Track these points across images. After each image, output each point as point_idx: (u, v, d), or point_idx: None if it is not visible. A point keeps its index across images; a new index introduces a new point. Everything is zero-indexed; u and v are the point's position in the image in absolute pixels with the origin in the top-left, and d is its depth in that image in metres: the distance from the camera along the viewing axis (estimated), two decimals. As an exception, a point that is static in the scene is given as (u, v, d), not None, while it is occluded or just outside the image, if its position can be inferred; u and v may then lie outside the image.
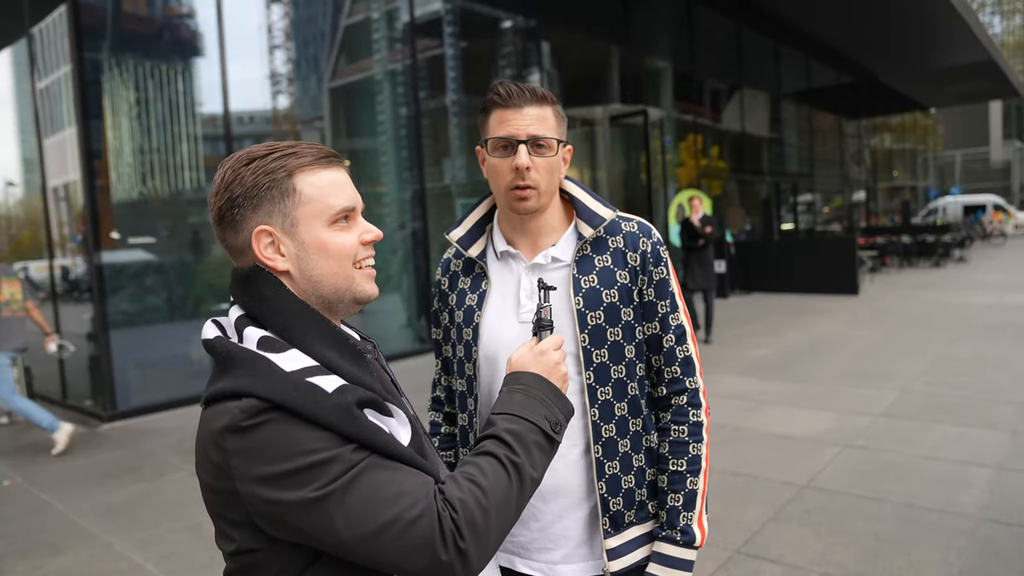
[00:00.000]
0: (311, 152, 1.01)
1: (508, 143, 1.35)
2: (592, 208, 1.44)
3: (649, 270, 1.41)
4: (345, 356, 0.98)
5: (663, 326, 1.43)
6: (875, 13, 15.90)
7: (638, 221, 1.46)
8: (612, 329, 1.39)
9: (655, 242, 1.44)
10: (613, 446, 1.39)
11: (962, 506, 3.67)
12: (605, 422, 1.39)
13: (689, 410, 1.43)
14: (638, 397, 1.42)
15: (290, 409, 0.87)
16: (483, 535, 0.92)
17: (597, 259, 1.41)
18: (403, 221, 9.65)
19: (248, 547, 0.92)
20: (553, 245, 1.43)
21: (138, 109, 7.10)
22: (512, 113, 1.34)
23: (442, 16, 10.39)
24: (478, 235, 1.51)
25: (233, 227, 0.98)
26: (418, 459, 0.96)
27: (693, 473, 1.41)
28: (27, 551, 3.80)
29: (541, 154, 1.35)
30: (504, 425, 1.03)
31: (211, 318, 1.04)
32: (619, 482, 1.40)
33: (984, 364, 6.75)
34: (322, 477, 0.86)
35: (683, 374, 1.43)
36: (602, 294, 1.39)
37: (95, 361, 6.75)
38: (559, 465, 1.38)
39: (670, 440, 1.42)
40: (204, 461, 0.92)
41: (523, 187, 1.35)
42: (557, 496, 1.40)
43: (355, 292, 1.03)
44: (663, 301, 1.43)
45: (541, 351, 1.14)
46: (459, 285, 1.51)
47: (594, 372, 1.38)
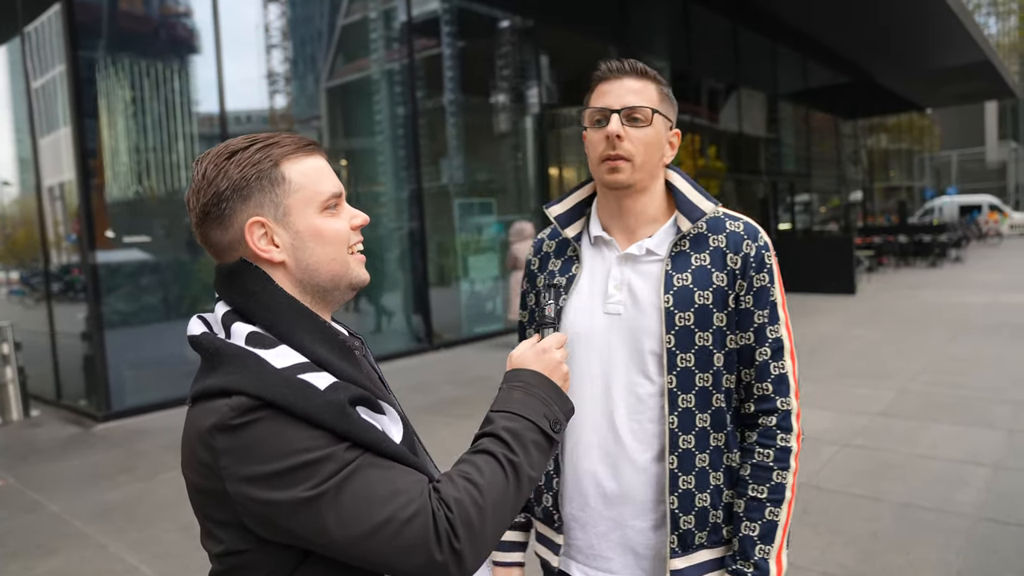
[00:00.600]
0: (292, 141, 0.99)
1: (603, 115, 1.31)
2: (693, 200, 1.35)
3: (750, 275, 1.31)
4: (335, 352, 0.96)
5: (758, 337, 1.31)
6: (872, 14, 15.91)
7: (745, 221, 1.36)
8: (701, 333, 1.30)
9: (761, 246, 1.33)
10: (690, 459, 1.30)
11: (960, 505, 3.67)
12: (684, 432, 1.30)
13: (778, 433, 1.30)
14: (724, 410, 1.31)
15: (282, 407, 0.85)
16: (479, 535, 0.90)
17: (694, 257, 1.32)
18: (400, 222, 9.63)
19: (236, 548, 0.90)
20: (650, 236, 1.36)
21: (134, 108, 7.07)
22: (610, 85, 1.32)
23: (439, 16, 10.38)
24: (576, 216, 1.45)
25: (220, 223, 0.96)
26: (411, 457, 0.94)
27: (774, 503, 1.28)
28: (19, 552, 3.77)
29: (636, 125, 1.30)
30: (502, 423, 1.00)
31: (197, 314, 1.01)
32: (693, 499, 1.30)
33: (981, 363, 6.76)
34: (314, 477, 0.84)
35: (775, 392, 1.31)
36: (695, 295, 1.30)
37: (90, 361, 6.72)
38: (626, 470, 1.32)
39: (753, 463, 1.30)
40: (191, 460, 0.90)
41: (615, 156, 1.29)
42: (621, 502, 1.33)
43: (351, 277, 1.02)
44: (761, 311, 1.32)
45: (543, 349, 1.12)
46: (549, 266, 1.46)
47: (677, 377, 1.29)
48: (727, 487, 1.32)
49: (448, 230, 10.28)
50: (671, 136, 1.37)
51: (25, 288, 8.67)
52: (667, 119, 1.35)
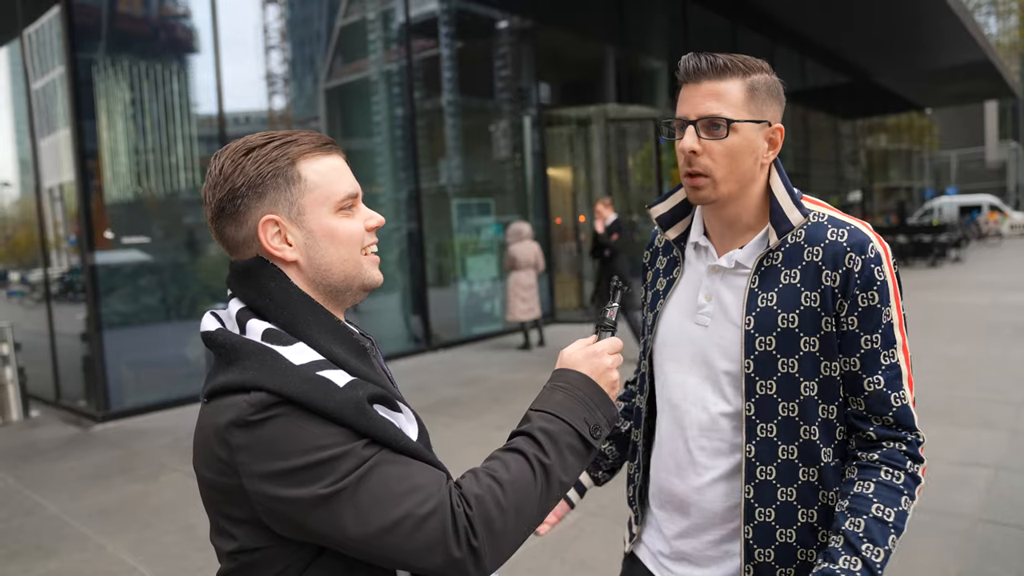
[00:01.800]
0: (310, 139, 0.98)
1: (681, 124, 1.20)
2: (784, 210, 1.21)
3: (853, 294, 1.15)
4: (350, 351, 0.96)
5: (865, 365, 1.16)
6: (871, 13, 15.91)
7: (852, 228, 1.18)
8: (785, 359, 1.18)
9: (869, 259, 1.15)
10: (770, 491, 1.21)
11: (959, 506, 3.66)
12: (763, 463, 1.21)
13: (907, 460, 1.16)
14: (816, 444, 1.18)
15: (301, 403, 0.85)
16: (499, 534, 0.89)
17: (784, 273, 1.19)
18: (399, 223, 9.63)
19: (250, 546, 0.90)
20: (741, 247, 1.25)
21: (133, 109, 7.07)
22: (690, 91, 1.20)
23: (438, 16, 10.37)
24: (681, 215, 1.35)
25: (235, 219, 0.96)
26: (428, 454, 0.94)
27: (897, 531, 1.13)
28: (18, 553, 3.77)
29: (715, 136, 1.17)
30: (539, 423, 0.98)
31: (209, 310, 1.01)
32: (772, 533, 1.21)
33: (981, 364, 6.75)
34: (333, 473, 0.84)
35: (897, 425, 1.17)
36: (778, 317, 1.18)
37: (89, 361, 6.72)
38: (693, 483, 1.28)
39: (878, 481, 1.15)
40: (207, 457, 0.89)
41: (693, 174, 1.20)
42: (687, 512, 1.30)
43: (363, 279, 1.01)
44: (869, 335, 1.16)
45: (594, 352, 1.08)
46: (656, 264, 1.41)
47: (756, 404, 1.20)
48: (822, 526, 1.21)
49: (446, 231, 10.28)
50: (771, 133, 1.22)
51: (25, 289, 8.67)
52: (757, 122, 1.19)
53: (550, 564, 3.31)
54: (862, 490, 1.15)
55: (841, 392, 1.20)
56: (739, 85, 1.18)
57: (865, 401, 1.18)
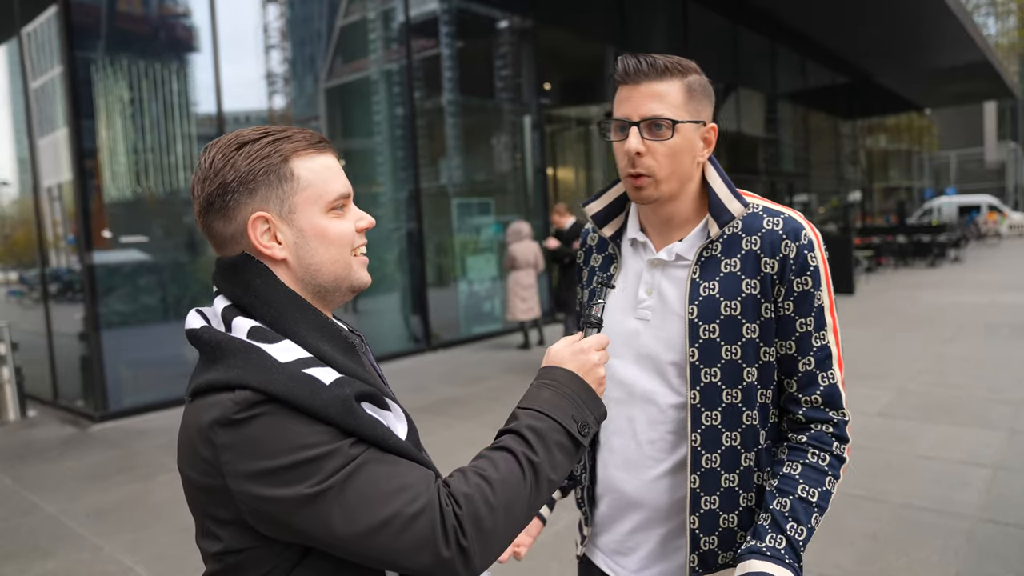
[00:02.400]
0: (304, 137, 0.97)
1: (622, 125, 1.21)
2: (723, 202, 1.24)
3: (789, 280, 1.20)
4: (338, 348, 0.95)
5: (800, 347, 1.21)
6: (871, 14, 15.92)
7: (786, 217, 1.23)
8: (728, 346, 1.21)
9: (803, 245, 1.20)
10: (714, 479, 1.23)
11: (959, 506, 3.65)
12: (708, 451, 1.23)
13: (833, 441, 1.23)
14: (756, 428, 1.23)
15: (287, 401, 0.83)
16: (488, 533, 0.88)
17: (724, 262, 1.23)
18: (398, 222, 9.62)
19: (235, 547, 0.88)
20: (681, 240, 1.28)
21: (132, 109, 7.05)
22: (629, 91, 1.20)
23: (438, 16, 10.37)
24: (616, 212, 1.37)
25: (224, 214, 0.94)
26: (417, 453, 0.92)
27: (820, 510, 1.19)
28: (15, 553, 3.75)
29: (657, 136, 1.19)
30: (527, 421, 0.98)
31: (195, 308, 1.00)
32: (716, 520, 1.24)
33: (980, 363, 6.75)
34: (319, 472, 0.83)
35: (825, 404, 1.23)
36: (721, 305, 1.21)
37: (86, 361, 6.71)
38: (645, 477, 1.29)
39: (805, 463, 1.21)
40: (190, 456, 0.88)
41: (636, 175, 1.21)
42: (638, 507, 1.32)
43: (352, 280, 1.00)
44: (804, 318, 1.21)
45: (581, 349, 1.08)
46: (591, 262, 1.42)
47: (700, 392, 1.22)
48: (759, 507, 1.25)
49: (446, 230, 10.27)
50: (706, 132, 1.25)
51: (23, 288, 8.66)
52: (696, 122, 1.22)
53: (548, 564, 3.30)
54: (790, 471, 1.21)
55: (776, 376, 1.24)
56: (678, 86, 1.20)
57: (797, 382, 1.23)
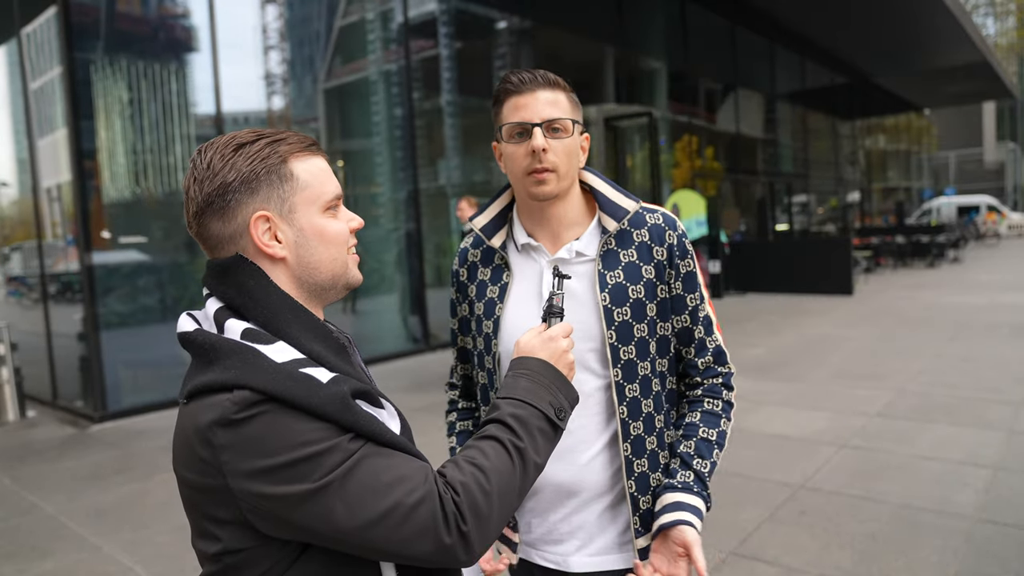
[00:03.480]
0: (298, 139, 1.00)
1: (523, 128, 1.33)
2: (615, 200, 1.41)
3: (676, 263, 1.40)
4: (330, 349, 0.96)
5: (693, 318, 1.42)
6: (870, 14, 15.94)
7: (662, 213, 1.43)
8: (638, 325, 1.37)
9: (680, 234, 1.41)
10: (641, 444, 1.38)
11: (958, 507, 3.66)
12: (633, 419, 1.37)
13: (723, 390, 1.44)
14: (660, 393, 1.41)
15: (285, 400, 0.85)
16: (485, 518, 0.91)
17: (622, 253, 1.39)
18: (397, 223, 9.62)
19: (235, 547, 0.89)
20: (577, 239, 1.40)
21: (131, 109, 7.06)
22: (525, 98, 1.33)
23: (436, 17, 10.37)
24: (500, 225, 1.47)
25: (223, 214, 0.95)
26: (412, 447, 0.94)
27: (720, 447, 1.41)
28: (13, 554, 3.75)
29: (557, 137, 1.33)
30: (508, 410, 1.02)
31: (186, 312, 1.00)
32: (648, 480, 1.38)
33: (979, 364, 6.75)
34: (320, 468, 0.84)
35: (715, 362, 1.45)
36: (628, 289, 1.37)
37: (86, 362, 6.71)
38: (578, 461, 1.38)
39: (703, 411, 1.42)
40: (188, 458, 0.89)
41: (541, 170, 1.32)
42: (575, 493, 1.39)
43: (348, 278, 1.03)
44: (692, 294, 1.42)
45: (549, 337, 1.13)
46: (479, 276, 1.49)
47: (622, 369, 1.36)
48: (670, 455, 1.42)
49: (445, 231, 10.27)
50: (583, 140, 1.40)
51: (22, 289, 8.65)
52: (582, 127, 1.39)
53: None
54: (691, 420, 1.42)
55: (671, 347, 1.43)
56: (564, 97, 1.36)
57: (694, 347, 1.44)
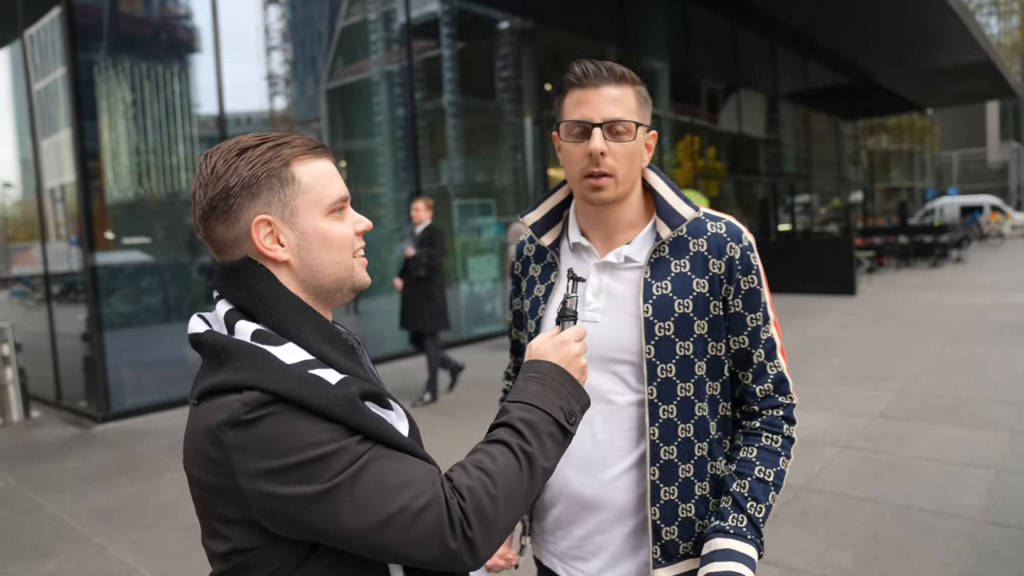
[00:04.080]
0: (302, 142, 1.00)
1: (582, 127, 1.24)
2: (672, 205, 1.31)
3: (736, 279, 1.28)
4: (339, 350, 0.97)
5: (752, 340, 1.30)
6: (872, 14, 15.91)
7: (727, 222, 1.32)
8: (682, 343, 1.27)
9: (745, 247, 1.30)
10: (672, 470, 1.28)
11: (961, 508, 3.65)
12: (665, 443, 1.28)
13: (783, 424, 1.32)
14: (707, 419, 1.30)
15: (294, 401, 0.85)
16: (491, 523, 0.91)
17: (674, 263, 1.29)
18: (399, 224, 9.62)
19: (244, 546, 0.90)
20: (628, 243, 1.32)
21: (134, 110, 7.07)
22: (588, 93, 1.24)
23: (439, 17, 10.38)
24: (554, 221, 1.41)
25: (227, 219, 0.96)
26: (420, 450, 0.95)
27: (776, 488, 1.28)
28: (17, 553, 3.76)
29: (619, 139, 1.24)
30: (518, 414, 1.01)
31: (196, 313, 1.01)
32: (676, 510, 1.28)
33: (982, 364, 6.74)
34: (328, 470, 0.85)
35: (776, 391, 1.33)
36: (674, 303, 1.27)
37: (89, 362, 6.72)
38: (603, 476, 1.31)
39: (759, 446, 1.30)
40: (198, 458, 0.90)
41: (598, 175, 1.24)
42: (597, 509, 1.32)
43: (354, 281, 1.03)
44: (753, 313, 1.30)
45: (561, 341, 1.12)
46: (530, 272, 1.44)
47: (657, 388, 1.27)
48: (713, 496, 1.31)
49: (447, 231, 10.27)
50: (649, 139, 1.32)
51: (26, 290, 8.68)
52: (647, 127, 1.29)
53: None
54: (746, 455, 1.30)
55: (725, 370, 1.32)
56: (632, 92, 1.26)
57: (752, 373, 1.32)
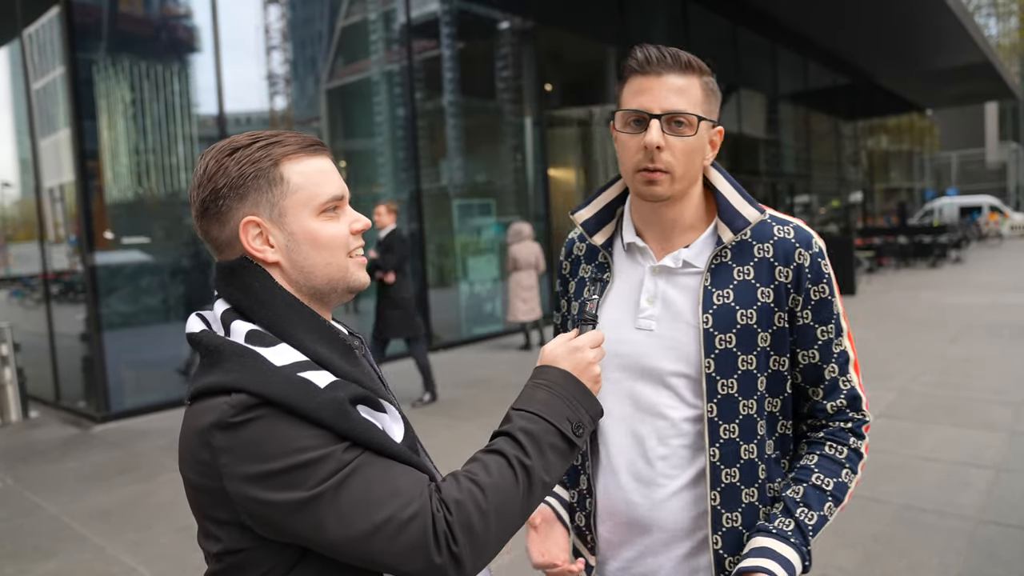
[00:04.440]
0: (296, 140, 0.98)
1: (640, 117, 1.14)
2: (736, 207, 1.20)
3: (805, 288, 1.18)
4: (336, 351, 0.95)
5: (824, 355, 1.21)
6: (872, 15, 15.91)
7: (795, 226, 1.21)
8: (744, 356, 1.17)
9: (815, 253, 1.19)
10: (735, 495, 1.18)
11: (961, 507, 3.65)
12: (727, 465, 1.18)
13: (850, 436, 1.22)
14: (766, 438, 1.20)
15: (281, 405, 0.84)
16: (479, 538, 0.89)
17: (737, 270, 1.19)
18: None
19: (235, 547, 0.89)
20: (687, 246, 1.22)
21: (133, 110, 7.06)
22: (649, 81, 1.13)
23: (439, 17, 10.37)
24: (607, 219, 1.31)
25: (218, 219, 0.95)
26: (411, 456, 0.93)
27: (835, 500, 1.18)
28: (16, 554, 3.76)
29: (678, 133, 1.13)
30: (520, 423, 0.98)
31: (196, 312, 1.01)
32: (739, 538, 1.19)
33: (982, 364, 6.74)
34: (313, 476, 0.84)
35: (849, 408, 1.23)
36: (737, 314, 1.17)
37: (88, 362, 6.71)
38: (656, 496, 1.21)
39: (821, 454, 1.21)
40: (190, 459, 0.90)
41: (652, 169, 1.14)
42: (648, 530, 1.23)
43: (349, 282, 1.01)
44: (824, 326, 1.20)
45: (575, 347, 1.06)
46: (580, 273, 1.34)
47: (718, 405, 1.17)
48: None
49: (447, 231, 10.27)
50: (713, 135, 1.21)
51: (25, 290, 8.67)
52: (712, 122, 1.19)
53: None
54: (806, 462, 1.21)
55: (788, 387, 1.22)
56: (698, 83, 1.16)
57: (824, 389, 1.22)
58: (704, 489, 1.20)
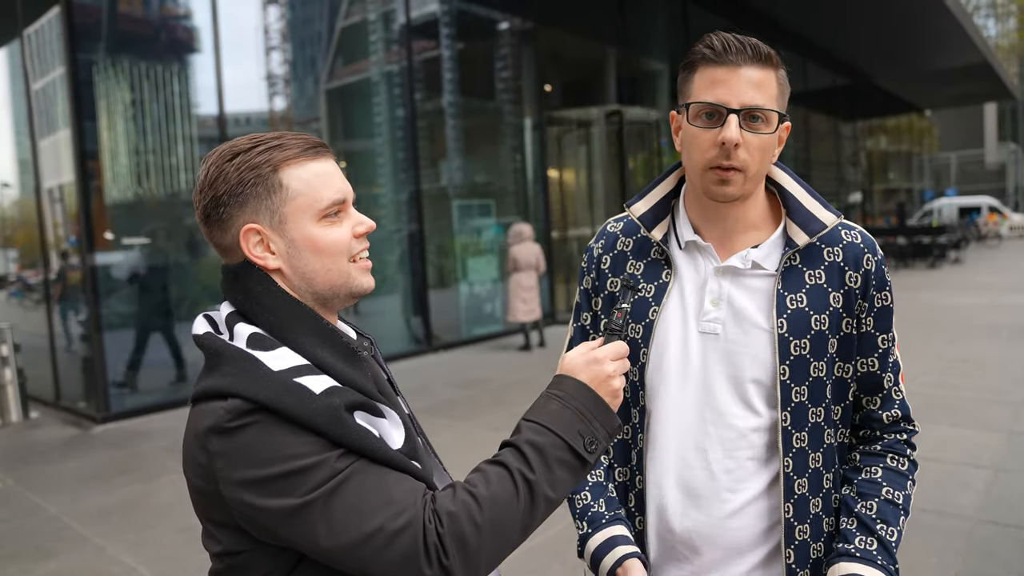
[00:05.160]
0: (297, 144, 0.96)
1: (715, 111, 1.07)
2: (810, 209, 1.15)
3: (871, 295, 1.15)
4: (338, 355, 0.95)
5: (882, 364, 1.18)
6: (871, 15, 15.93)
7: (860, 231, 1.18)
8: (816, 363, 1.12)
9: (880, 259, 1.16)
10: (805, 506, 1.14)
11: (959, 507, 3.66)
12: (799, 475, 1.13)
13: (907, 448, 1.20)
14: (832, 448, 1.16)
15: (275, 410, 0.84)
16: (472, 551, 0.87)
17: (808, 274, 1.14)
18: (399, 224, 9.63)
19: (234, 549, 0.90)
20: (755, 247, 1.16)
21: (133, 110, 7.07)
22: (726, 73, 1.06)
23: (438, 17, 10.38)
24: (662, 214, 1.23)
25: (220, 226, 0.96)
26: (408, 464, 0.92)
27: (906, 513, 1.16)
28: (17, 554, 3.76)
29: (755, 129, 1.07)
30: (528, 435, 0.94)
31: (203, 313, 1.01)
32: (808, 551, 1.15)
33: (980, 365, 6.75)
34: (305, 484, 0.83)
35: (903, 418, 1.21)
36: (811, 319, 1.12)
37: (88, 362, 6.71)
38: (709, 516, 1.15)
39: (885, 467, 1.18)
40: (190, 461, 0.90)
41: (727, 167, 1.07)
42: (703, 549, 1.16)
43: (351, 287, 0.99)
44: (885, 334, 1.18)
45: (595, 358, 1.01)
46: (628, 269, 1.24)
47: (791, 413, 1.12)
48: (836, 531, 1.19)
49: (447, 232, 10.28)
50: (783, 131, 1.14)
51: (24, 290, 8.67)
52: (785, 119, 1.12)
53: (550, 565, 3.31)
54: (870, 475, 1.17)
55: (850, 395, 1.18)
56: (774, 77, 1.09)
57: (881, 399, 1.20)
58: (772, 502, 1.15)
